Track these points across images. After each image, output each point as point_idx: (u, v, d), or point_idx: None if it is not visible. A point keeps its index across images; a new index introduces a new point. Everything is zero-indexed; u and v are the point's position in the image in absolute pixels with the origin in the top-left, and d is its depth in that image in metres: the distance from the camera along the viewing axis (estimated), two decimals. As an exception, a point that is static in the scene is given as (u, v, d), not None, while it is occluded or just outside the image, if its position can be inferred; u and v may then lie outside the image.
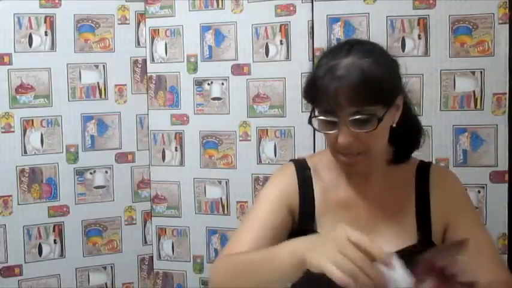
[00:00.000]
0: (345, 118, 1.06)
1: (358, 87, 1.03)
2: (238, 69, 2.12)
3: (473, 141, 1.90)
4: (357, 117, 1.05)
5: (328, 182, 1.22)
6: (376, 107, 1.06)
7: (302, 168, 1.25)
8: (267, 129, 2.10)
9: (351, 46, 1.10)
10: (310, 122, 1.11)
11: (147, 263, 2.28)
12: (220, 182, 2.17)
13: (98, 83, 2.18)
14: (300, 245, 0.92)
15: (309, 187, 1.23)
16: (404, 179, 1.18)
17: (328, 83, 1.05)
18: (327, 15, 1.99)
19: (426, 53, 1.92)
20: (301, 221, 1.21)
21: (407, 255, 1.08)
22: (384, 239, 1.13)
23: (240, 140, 2.13)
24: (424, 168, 1.20)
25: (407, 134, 1.20)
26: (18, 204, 2.09)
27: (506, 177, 1.87)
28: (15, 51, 2.07)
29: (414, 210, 1.15)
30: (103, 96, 2.19)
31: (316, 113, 1.10)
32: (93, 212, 2.19)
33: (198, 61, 2.18)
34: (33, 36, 2.09)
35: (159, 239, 2.27)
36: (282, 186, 1.24)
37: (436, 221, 1.14)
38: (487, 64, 1.86)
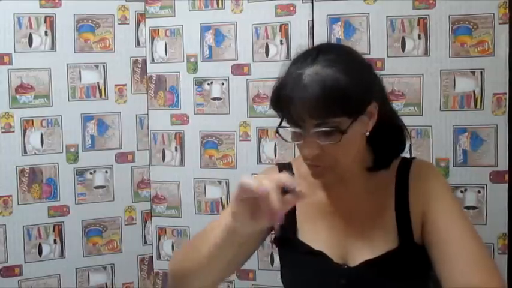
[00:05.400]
0: (308, 130, 1.04)
1: (319, 100, 1.00)
2: (238, 69, 2.12)
3: (473, 141, 1.90)
4: (320, 129, 1.03)
5: (309, 187, 1.20)
6: (341, 118, 1.03)
7: None
8: (267, 129, 2.10)
9: (317, 53, 1.05)
10: (278, 132, 1.10)
11: (147, 263, 2.28)
12: (220, 182, 2.17)
13: (97, 83, 2.18)
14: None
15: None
16: (385, 181, 1.14)
17: (291, 94, 1.02)
18: (327, 15, 1.99)
19: (426, 53, 1.92)
20: (286, 232, 1.20)
21: (389, 260, 1.08)
22: (364, 245, 1.11)
23: (240, 140, 2.13)
24: (404, 167, 1.15)
25: (386, 140, 1.15)
26: (18, 204, 2.08)
27: (506, 177, 1.87)
28: (15, 51, 2.07)
29: (394, 212, 1.11)
30: (103, 96, 2.19)
31: (283, 123, 1.09)
32: (93, 212, 2.19)
33: (198, 61, 2.18)
34: (33, 36, 2.09)
35: (159, 239, 2.27)
36: None
37: (414, 218, 1.10)
38: (487, 64, 1.86)
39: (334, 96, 1.00)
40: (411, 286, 1.07)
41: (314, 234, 1.17)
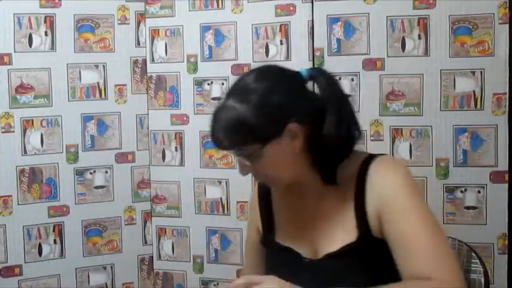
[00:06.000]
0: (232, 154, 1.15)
1: (220, 135, 1.11)
2: (238, 69, 2.12)
3: (473, 141, 1.90)
4: (237, 156, 1.13)
5: (282, 192, 1.25)
6: (251, 146, 1.08)
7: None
8: (267, 129, 2.10)
9: (236, 84, 1.13)
10: None
11: (147, 263, 2.28)
12: (220, 182, 2.17)
13: (98, 83, 2.18)
14: None
15: (268, 200, 1.28)
16: (348, 177, 1.15)
17: (209, 126, 1.14)
18: (327, 15, 1.99)
19: (426, 53, 1.92)
20: (265, 233, 1.27)
21: (347, 253, 1.12)
22: (328, 239, 1.15)
23: (240, 140, 2.13)
24: (366, 164, 1.15)
25: (325, 153, 1.14)
26: (18, 204, 2.08)
27: (506, 177, 1.87)
28: (15, 51, 2.07)
29: (353, 207, 1.13)
30: (103, 96, 2.19)
31: None
32: (93, 212, 2.19)
33: (198, 61, 2.18)
34: (33, 36, 2.09)
35: (159, 239, 2.27)
36: (251, 204, 1.35)
37: (371, 214, 1.11)
38: (487, 64, 1.86)
39: (234, 131, 1.09)
40: (372, 279, 1.09)
41: (288, 233, 1.22)
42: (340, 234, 1.13)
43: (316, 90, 1.16)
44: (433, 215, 1.12)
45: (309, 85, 1.16)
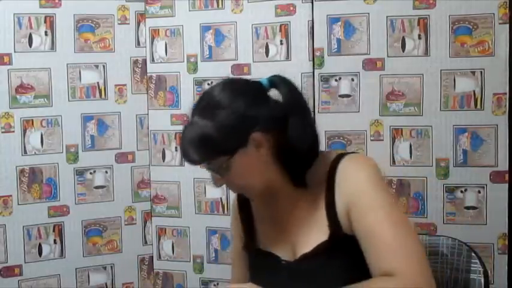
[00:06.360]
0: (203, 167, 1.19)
1: (188, 151, 1.13)
2: (238, 69, 2.12)
3: (473, 141, 1.90)
4: (207, 170, 1.17)
5: (259, 200, 1.27)
6: (218, 158, 1.12)
7: None
8: (267, 129, 2.10)
9: (199, 101, 1.16)
10: None
11: (147, 263, 2.28)
12: (220, 182, 2.17)
13: (97, 83, 2.18)
14: None
15: (248, 208, 1.31)
16: (319, 177, 1.17)
17: (180, 144, 1.17)
18: (327, 15, 1.99)
19: (426, 53, 1.92)
20: (247, 239, 1.30)
21: (321, 252, 1.13)
22: (303, 240, 1.17)
23: (240, 140, 2.13)
24: (336, 162, 1.16)
25: (293, 157, 1.16)
26: (18, 204, 2.09)
27: (506, 177, 1.87)
28: (15, 51, 2.07)
29: (324, 206, 1.15)
30: (103, 96, 2.19)
31: None
32: (93, 212, 2.19)
33: (198, 61, 2.18)
34: (33, 36, 2.09)
35: (159, 239, 2.27)
36: (232, 213, 1.38)
37: (340, 212, 1.13)
38: (487, 64, 1.86)
39: (200, 146, 1.12)
40: (347, 277, 1.10)
41: (268, 238, 1.25)
42: (314, 235, 1.15)
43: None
44: (402, 212, 1.13)
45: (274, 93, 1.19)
